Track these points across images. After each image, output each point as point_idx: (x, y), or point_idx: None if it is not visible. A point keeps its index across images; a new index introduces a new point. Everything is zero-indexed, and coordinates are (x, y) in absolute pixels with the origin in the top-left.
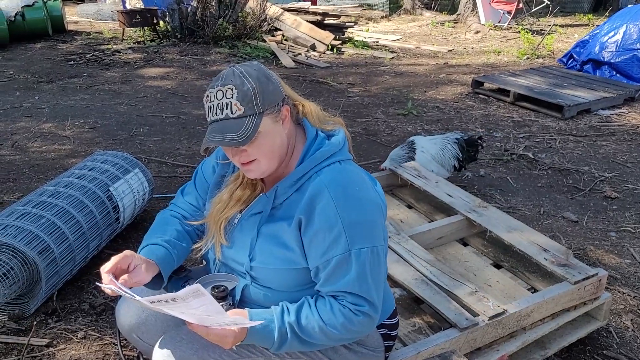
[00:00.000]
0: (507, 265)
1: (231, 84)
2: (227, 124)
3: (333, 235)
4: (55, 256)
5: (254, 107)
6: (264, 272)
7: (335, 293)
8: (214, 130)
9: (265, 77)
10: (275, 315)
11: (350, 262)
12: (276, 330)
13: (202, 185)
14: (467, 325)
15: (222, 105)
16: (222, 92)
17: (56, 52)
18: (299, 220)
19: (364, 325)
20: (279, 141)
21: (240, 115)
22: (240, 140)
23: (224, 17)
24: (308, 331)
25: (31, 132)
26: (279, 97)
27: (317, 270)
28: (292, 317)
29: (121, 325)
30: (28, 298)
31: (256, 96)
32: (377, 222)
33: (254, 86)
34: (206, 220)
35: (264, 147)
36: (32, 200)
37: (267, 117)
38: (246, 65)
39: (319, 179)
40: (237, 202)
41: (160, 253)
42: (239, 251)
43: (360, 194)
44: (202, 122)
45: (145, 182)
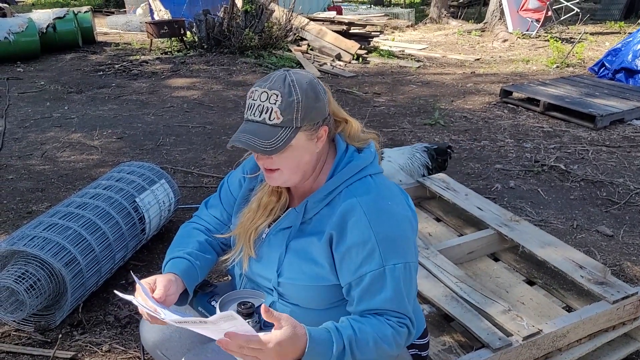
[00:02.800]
0: (541, 282)
1: (278, 90)
2: (261, 129)
3: (366, 251)
4: (82, 268)
5: (293, 120)
6: (292, 289)
7: (375, 311)
8: (246, 130)
9: (313, 93)
10: (330, 330)
11: (385, 278)
12: (334, 346)
13: (228, 199)
14: (501, 346)
15: (262, 108)
16: (266, 95)
17: (86, 63)
18: (330, 235)
19: (404, 338)
20: (307, 158)
21: (276, 124)
22: (268, 149)
23: (250, 27)
24: (362, 346)
25: (60, 142)
26: (321, 116)
27: (350, 287)
28: (349, 331)
29: (145, 341)
30: (54, 309)
31: (299, 110)
32: (409, 237)
33: (300, 100)
34: (234, 233)
35: (290, 161)
36: (59, 211)
37: (303, 133)
38: (299, 74)
39: (350, 194)
40: (265, 210)
41: (183, 266)
42: (267, 266)
43: (392, 209)
44: (227, 132)
45: (171, 192)
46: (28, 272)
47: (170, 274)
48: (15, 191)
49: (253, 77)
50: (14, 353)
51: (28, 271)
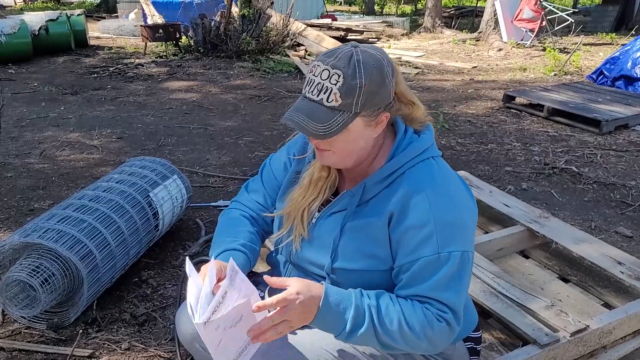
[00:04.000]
0: (575, 279)
1: (341, 70)
2: (317, 110)
3: (423, 234)
4: (97, 262)
5: (353, 105)
6: (346, 275)
7: (418, 297)
8: (301, 109)
9: (380, 77)
10: (353, 294)
11: (439, 265)
12: (352, 308)
13: (271, 183)
14: (548, 342)
15: (321, 87)
16: (328, 73)
17: (79, 66)
18: (390, 214)
19: (442, 335)
20: (361, 144)
21: (334, 107)
22: (321, 133)
23: (247, 31)
24: (385, 323)
25: (59, 141)
26: (383, 101)
27: (400, 270)
28: (373, 301)
29: (182, 333)
30: (67, 306)
31: (360, 96)
32: (469, 225)
33: (364, 84)
34: (285, 211)
35: (343, 145)
36: (72, 204)
37: (362, 119)
38: (368, 52)
39: (414, 175)
40: (316, 188)
41: (241, 260)
42: (319, 252)
43: (455, 194)
44: (230, 133)
45: (183, 189)
46: (42, 266)
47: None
48: (15, 189)
49: (251, 81)
50: (27, 351)
51: (42, 265)
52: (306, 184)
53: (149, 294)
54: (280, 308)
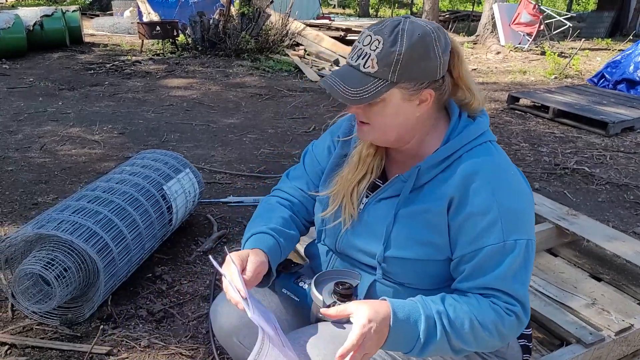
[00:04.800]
0: (608, 278)
1: (382, 36)
2: (352, 75)
3: (487, 221)
4: (114, 256)
5: (389, 73)
6: (400, 264)
7: (482, 290)
8: (337, 73)
9: (423, 49)
10: (419, 303)
11: (504, 254)
12: (422, 318)
13: (314, 168)
14: (593, 341)
15: (362, 52)
16: (369, 39)
17: (75, 62)
18: (450, 200)
19: (512, 329)
20: (401, 120)
21: (369, 74)
22: (351, 97)
23: (246, 30)
24: (457, 327)
25: (59, 135)
26: (427, 77)
27: (461, 260)
28: (440, 306)
29: (220, 327)
30: (81, 302)
31: (397, 64)
32: (530, 212)
33: (402, 53)
34: (333, 191)
35: (379, 118)
36: (85, 195)
37: (399, 90)
38: (417, 23)
39: (472, 159)
40: (364, 165)
41: (269, 243)
42: (369, 239)
43: (515, 180)
44: (233, 130)
45: (195, 183)
46: (57, 259)
47: (260, 253)
48: (17, 182)
49: (251, 80)
50: (40, 348)
51: (57, 257)
52: (355, 161)
53: (164, 290)
54: (359, 346)
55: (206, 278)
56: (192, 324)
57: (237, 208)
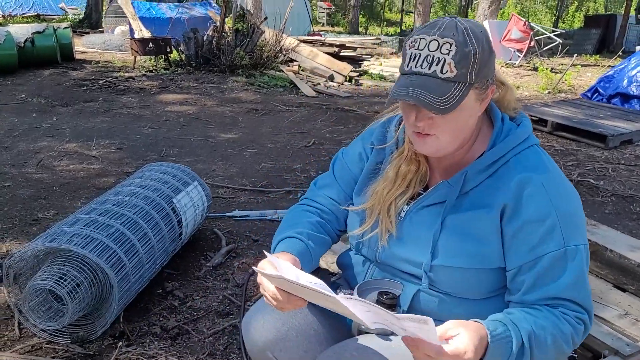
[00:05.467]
0: (633, 289)
1: (452, 38)
2: (432, 83)
3: (546, 228)
4: (127, 271)
5: (467, 75)
6: (447, 273)
7: (550, 301)
8: (412, 84)
9: (488, 47)
10: (505, 322)
11: (565, 260)
12: (514, 342)
13: (345, 176)
14: (631, 353)
15: (432, 58)
16: (437, 44)
17: (67, 78)
18: (503, 207)
19: (581, 338)
20: (470, 122)
21: (449, 79)
22: (441, 107)
23: (241, 46)
24: (541, 344)
25: (55, 151)
26: (491, 73)
27: (519, 271)
28: (527, 325)
29: (254, 341)
30: (92, 319)
31: (475, 64)
32: (583, 216)
33: (477, 51)
34: (367, 205)
35: (453, 124)
36: (95, 208)
37: (474, 91)
38: (470, 21)
39: (522, 163)
40: (404, 181)
41: (298, 247)
42: (413, 248)
43: (565, 183)
44: (232, 145)
45: (204, 196)
46: (69, 274)
47: (289, 256)
48: (16, 198)
49: (246, 95)
50: None
51: (68, 272)
52: (391, 176)
53: (177, 306)
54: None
55: (219, 293)
56: (209, 341)
57: (243, 222)
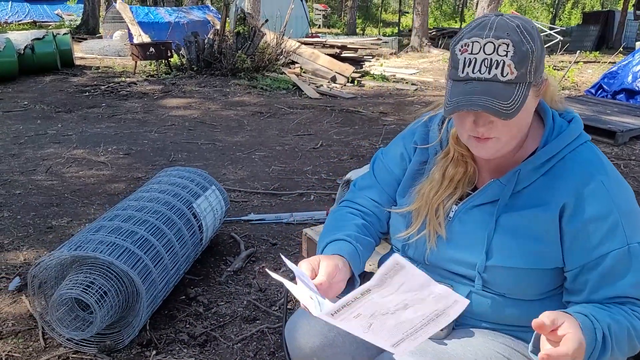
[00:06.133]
0: None
1: (507, 38)
2: (495, 88)
3: (608, 225)
4: (154, 278)
5: (527, 74)
6: (502, 274)
7: (617, 300)
8: (474, 91)
9: (541, 42)
10: (587, 315)
11: (629, 258)
12: (597, 333)
13: (386, 177)
14: None
15: (490, 62)
16: (493, 46)
17: (68, 85)
18: (563, 206)
19: None
20: (528, 120)
21: (511, 81)
22: (509, 112)
23: (242, 49)
24: (620, 338)
25: (63, 157)
26: (543, 68)
27: (582, 270)
28: (606, 317)
29: (299, 347)
30: (118, 327)
31: (533, 62)
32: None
33: (534, 49)
34: (412, 207)
35: (514, 125)
36: (118, 215)
37: (533, 89)
38: (518, 18)
39: (579, 160)
40: (451, 183)
41: (347, 248)
42: (465, 249)
43: (621, 179)
44: (240, 148)
45: (222, 200)
46: (96, 282)
47: (336, 257)
48: (28, 206)
49: (250, 98)
50: None
51: (95, 280)
52: (438, 178)
53: (202, 312)
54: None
55: (243, 298)
56: (238, 347)
57: (260, 226)
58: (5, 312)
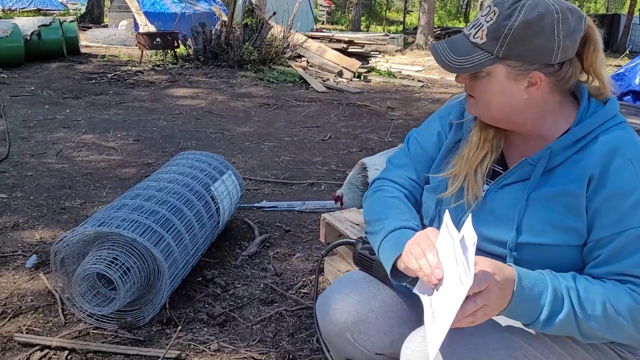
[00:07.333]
0: None
1: (499, 8)
2: (460, 44)
3: (631, 202)
4: (176, 257)
5: (495, 47)
6: (533, 251)
7: (619, 276)
8: (449, 41)
9: (539, 29)
10: (547, 275)
11: None
12: (548, 291)
13: (421, 156)
14: None
15: (476, 22)
16: (488, 10)
17: (74, 72)
18: (590, 178)
19: None
20: (505, 99)
21: (476, 44)
22: (451, 65)
23: (249, 41)
24: (587, 307)
25: (73, 142)
26: (538, 58)
27: (597, 244)
28: (570, 282)
29: (333, 322)
30: (139, 305)
31: (505, 38)
32: None
33: (514, 28)
34: (451, 173)
35: (483, 92)
36: (139, 194)
37: (505, 67)
38: (544, 2)
39: (612, 137)
40: (486, 143)
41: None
42: (497, 227)
43: None
44: (249, 138)
45: (237, 185)
46: (119, 258)
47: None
48: (40, 187)
49: (257, 90)
50: (103, 352)
51: (119, 257)
52: (475, 140)
53: (219, 293)
54: (481, 290)
55: (259, 282)
56: (257, 328)
57: (272, 213)
58: (24, 288)
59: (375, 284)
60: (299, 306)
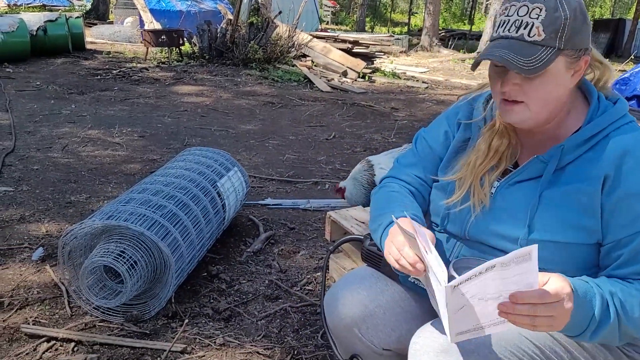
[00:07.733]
0: None
1: (542, 3)
2: (518, 45)
3: None
4: (182, 251)
5: (556, 39)
6: (546, 248)
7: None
8: (500, 45)
9: (582, 15)
10: (590, 282)
11: None
12: (597, 299)
13: (428, 155)
14: None
15: (520, 22)
16: (527, 9)
17: (79, 68)
18: (604, 178)
19: None
20: (560, 92)
21: (536, 42)
22: (526, 67)
23: (255, 39)
24: (627, 310)
25: (79, 137)
26: (584, 43)
27: (616, 245)
28: (610, 286)
29: (340, 317)
30: (144, 298)
31: (565, 28)
32: None
33: (568, 16)
34: (457, 177)
35: (541, 90)
36: (146, 188)
37: (564, 58)
38: None
39: (623, 137)
40: (496, 154)
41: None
42: (508, 223)
43: None
44: (253, 136)
45: (243, 182)
46: (126, 252)
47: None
48: (46, 181)
49: (261, 89)
50: (110, 345)
51: (126, 250)
52: (483, 149)
53: (224, 289)
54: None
55: (264, 278)
56: (262, 323)
57: (277, 211)
58: (30, 280)
59: (382, 280)
60: (304, 303)
